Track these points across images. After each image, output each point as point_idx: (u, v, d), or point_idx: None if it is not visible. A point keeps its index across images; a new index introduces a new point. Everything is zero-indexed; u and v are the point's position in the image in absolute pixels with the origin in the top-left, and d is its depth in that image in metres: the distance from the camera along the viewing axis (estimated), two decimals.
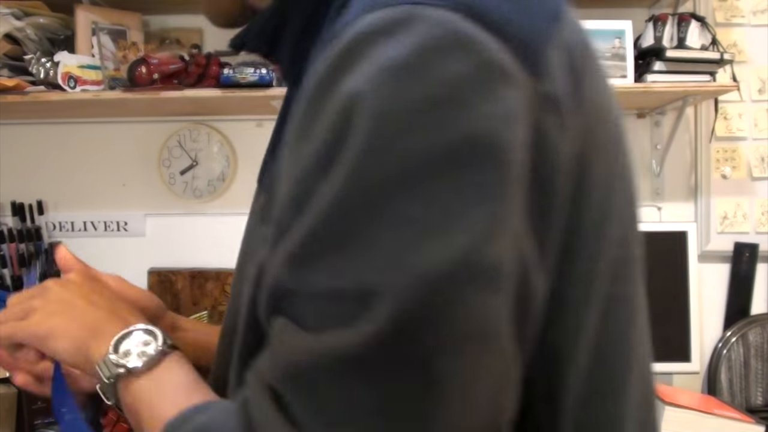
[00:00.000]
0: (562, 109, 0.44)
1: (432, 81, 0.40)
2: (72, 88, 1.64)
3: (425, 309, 0.40)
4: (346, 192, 0.41)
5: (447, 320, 0.40)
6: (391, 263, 0.40)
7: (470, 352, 0.41)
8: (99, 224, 1.97)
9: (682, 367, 1.78)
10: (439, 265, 0.40)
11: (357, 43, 0.42)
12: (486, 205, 0.41)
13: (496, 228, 0.41)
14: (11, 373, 0.70)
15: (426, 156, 0.40)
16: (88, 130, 1.96)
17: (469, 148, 0.40)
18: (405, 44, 0.41)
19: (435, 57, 0.41)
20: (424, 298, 0.40)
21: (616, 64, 1.69)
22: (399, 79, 0.40)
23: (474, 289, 0.40)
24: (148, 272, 1.84)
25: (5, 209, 1.91)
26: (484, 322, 0.41)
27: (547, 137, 0.43)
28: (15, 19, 1.69)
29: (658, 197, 1.98)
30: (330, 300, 0.41)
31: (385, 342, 0.40)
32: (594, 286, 0.49)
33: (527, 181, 0.43)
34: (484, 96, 0.41)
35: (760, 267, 1.95)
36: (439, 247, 0.40)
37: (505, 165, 0.41)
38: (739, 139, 1.96)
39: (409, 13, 0.41)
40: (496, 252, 0.41)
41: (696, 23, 1.74)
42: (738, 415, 1.55)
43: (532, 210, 0.43)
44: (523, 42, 0.43)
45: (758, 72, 1.96)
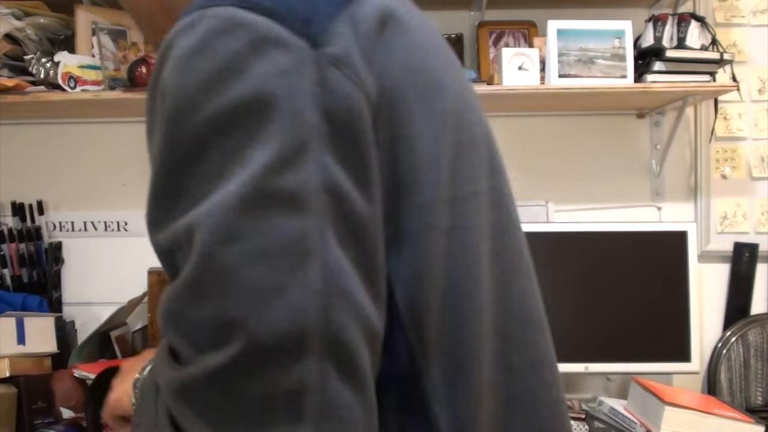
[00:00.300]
0: (350, 66, 0.53)
1: (213, 57, 0.51)
2: (72, 88, 1.64)
3: (231, 228, 0.48)
4: (163, 163, 0.52)
5: (251, 236, 0.48)
6: (202, 207, 0.49)
7: (280, 263, 0.48)
8: (99, 224, 1.97)
9: (682, 367, 1.78)
10: (238, 195, 0.48)
11: (165, 47, 0.53)
12: (271, 144, 0.49)
13: (284, 160, 0.49)
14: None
15: (216, 115, 0.50)
16: (88, 130, 1.96)
17: (250, 102, 0.50)
18: (192, 37, 0.52)
19: (215, 40, 0.51)
20: (230, 222, 0.48)
21: (615, 64, 1.69)
22: (187, 62, 0.51)
23: (270, 211, 0.49)
24: (148, 272, 1.84)
25: (5, 209, 1.91)
26: (287, 238, 0.49)
27: (335, 87, 0.52)
28: (15, 19, 1.70)
29: (658, 197, 1.98)
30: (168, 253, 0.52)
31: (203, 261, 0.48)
32: (433, 220, 0.58)
33: (323, 121, 0.51)
34: (258, 61, 0.50)
35: (760, 267, 1.95)
36: (238, 183, 0.49)
37: (286, 109, 0.50)
38: (739, 139, 1.96)
39: (198, 14, 0.52)
40: (289, 180, 0.49)
41: (696, 23, 1.74)
42: (738, 415, 1.55)
43: (338, 145, 0.52)
44: (296, 19, 0.52)
45: (758, 72, 1.96)
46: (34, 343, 1.67)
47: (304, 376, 0.48)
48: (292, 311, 0.48)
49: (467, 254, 0.60)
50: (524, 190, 1.95)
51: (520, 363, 0.64)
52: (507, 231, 0.66)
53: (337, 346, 0.49)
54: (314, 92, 0.51)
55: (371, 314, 0.52)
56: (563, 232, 1.80)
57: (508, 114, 1.98)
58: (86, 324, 1.90)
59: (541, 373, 0.66)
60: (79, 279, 1.96)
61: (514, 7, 1.93)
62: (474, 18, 1.96)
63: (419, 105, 0.58)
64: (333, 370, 0.49)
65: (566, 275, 1.78)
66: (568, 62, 1.69)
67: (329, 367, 0.49)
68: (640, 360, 1.76)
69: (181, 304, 0.50)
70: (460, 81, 0.65)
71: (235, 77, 0.50)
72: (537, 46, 1.75)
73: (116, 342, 1.81)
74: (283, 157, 0.49)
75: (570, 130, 1.98)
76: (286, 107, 0.50)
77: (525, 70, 1.70)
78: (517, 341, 0.64)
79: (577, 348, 1.77)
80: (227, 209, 0.48)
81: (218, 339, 0.48)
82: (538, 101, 1.82)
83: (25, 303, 1.77)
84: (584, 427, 1.65)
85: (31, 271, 1.88)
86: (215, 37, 0.51)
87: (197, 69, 0.51)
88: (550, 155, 1.97)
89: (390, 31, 0.58)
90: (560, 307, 1.77)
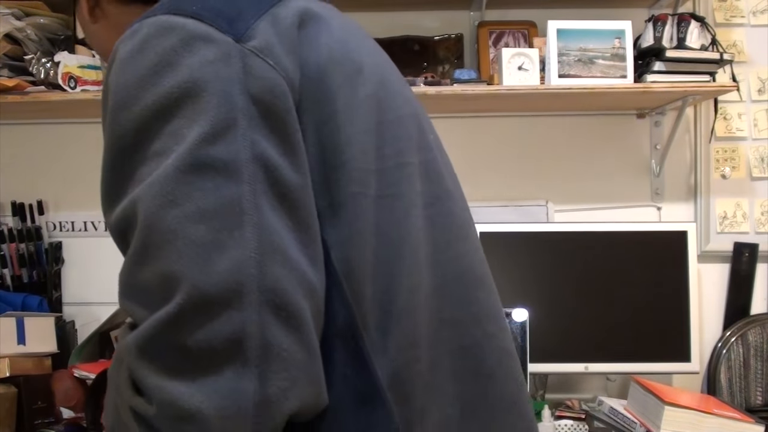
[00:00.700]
0: (272, 55, 0.60)
1: (148, 56, 0.58)
2: (72, 88, 1.64)
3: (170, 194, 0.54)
4: (109, 153, 0.60)
5: (189, 199, 0.55)
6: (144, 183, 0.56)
7: (217, 223, 0.54)
8: (99, 224, 1.97)
9: (682, 367, 1.78)
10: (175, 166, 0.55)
11: (112, 53, 0.61)
12: (202, 121, 0.56)
13: (212, 133, 0.56)
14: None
15: (153, 104, 0.57)
16: (88, 130, 1.96)
17: (182, 90, 0.57)
18: (132, 42, 0.59)
19: (151, 41, 0.58)
20: (168, 189, 0.55)
21: (615, 64, 1.69)
22: (127, 63, 0.59)
23: (205, 177, 0.55)
24: None
25: (5, 209, 1.91)
26: (222, 201, 0.55)
27: (257, 73, 0.59)
28: (15, 19, 1.70)
29: (657, 197, 1.98)
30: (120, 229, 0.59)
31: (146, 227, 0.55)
32: (362, 187, 0.64)
33: (249, 102, 0.58)
34: (187, 55, 0.57)
35: (760, 267, 1.95)
36: (175, 157, 0.55)
37: (214, 93, 0.57)
38: (738, 139, 1.96)
39: (138, 25, 0.60)
40: (217, 150, 0.56)
41: (696, 23, 1.74)
42: (738, 415, 1.55)
43: (264, 122, 0.58)
44: (219, 18, 0.60)
45: (758, 72, 1.96)
46: (34, 343, 1.67)
47: (244, 323, 0.53)
48: (231, 265, 0.54)
49: (396, 218, 0.67)
50: (524, 190, 1.95)
51: (463, 318, 0.70)
52: (441, 200, 0.73)
53: (274, 295, 0.55)
54: (239, 78, 0.58)
55: (306, 269, 0.58)
56: (563, 232, 1.80)
57: (508, 114, 1.98)
58: (86, 324, 1.90)
59: (485, 327, 0.72)
60: (79, 279, 1.96)
61: (514, 7, 1.93)
62: (474, 18, 1.96)
63: (343, 90, 0.65)
64: (271, 317, 0.54)
65: (566, 275, 1.78)
66: (568, 62, 1.69)
67: (267, 315, 0.54)
68: (640, 360, 1.76)
69: (132, 272, 0.57)
70: (383, 70, 0.72)
71: (169, 70, 0.57)
72: (537, 46, 1.75)
73: (116, 342, 1.81)
74: (214, 131, 0.56)
75: (570, 130, 1.98)
76: (215, 90, 0.57)
77: (525, 70, 1.70)
78: (458, 298, 0.70)
79: (577, 348, 1.77)
80: (165, 178, 0.55)
81: (165, 293, 0.54)
82: (538, 101, 1.82)
83: (25, 303, 1.77)
84: (584, 427, 1.65)
85: (31, 271, 1.88)
86: (151, 39, 0.59)
87: (135, 67, 0.58)
88: (550, 155, 1.97)
89: (311, 27, 0.65)
90: (560, 307, 1.77)
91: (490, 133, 1.98)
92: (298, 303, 0.56)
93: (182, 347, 0.53)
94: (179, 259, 0.54)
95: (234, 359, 0.53)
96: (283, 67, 0.60)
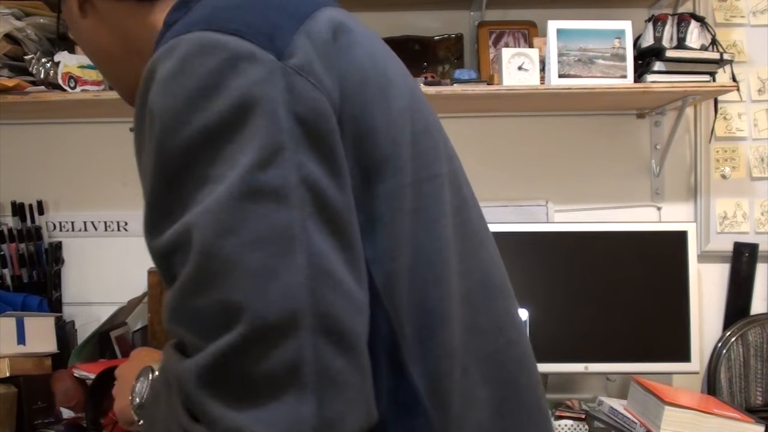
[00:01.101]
0: (313, 73, 0.60)
1: (193, 76, 0.57)
2: (72, 88, 1.64)
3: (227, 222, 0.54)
4: (157, 176, 0.58)
5: (245, 227, 0.54)
6: (197, 208, 0.55)
7: (271, 249, 0.55)
8: (99, 224, 1.97)
9: (682, 367, 1.78)
10: (230, 193, 0.55)
11: (147, 73, 0.60)
12: (253, 146, 0.55)
13: (264, 159, 0.55)
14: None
15: (202, 128, 0.56)
16: (88, 130, 1.96)
17: (232, 112, 0.56)
18: (172, 60, 0.58)
19: (193, 61, 0.57)
20: (225, 217, 0.54)
21: (615, 64, 1.69)
22: (170, 83, 0.57)
23: (258, 204, 0.55)
24: (148, 272, 1.83)
25: (5, 209, 1.91)
26: (270, 227, 0.55)
27: (302, 92, 0.58)
28: (15, 19, 1.70)
29: (657, 197, 1.98)
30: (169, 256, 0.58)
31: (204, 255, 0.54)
32: (399, 201, 0.65)
33: (295, 123, 0.57)
34: (233, 76, 0.57)
35: (760, 267, 1.95)
36: (228, 183, 0.55)
37: (263, 114, 0.56)
38: (738, 139, 1.96)
39: (175, 41, 0.59)
40: (270, 176, 0.55)
41: (696, 23, 1.74)
42: (738, 415, 1.55)
43: (310, 143, 0.58)
44: (260, 35, 0.59)
45: (758, 72, 1.96)
46: (34, 343, 1.67)
47: (301, 350, 0.54)
48: (286, 292, 0.54)
49: (431, 231, 0.68)
50: (524, 190, 1.95)
51: (487, 326, 0.71)
52: (463, 209, 0.73)
53: (327, 320, 0.55)
54: (284, 99, 0.57)
55: (355, 289, 0.58)
56: (563, 232, 1.80)
57: (508, 114, 1.98)
58: (86, 324, 1.90)
59: (507, 334, 0.73)
60: (79, 279, 1.96)
61: (514, 7, 1.93)
62: (474, 18, 1.96)
63: (378, 103, 0.65)
64: (326, 342, 0.55)
65: (566, 275, 1.78)
66: (568, 62, 1.69)
67: (322, 340, 0.54)
68: (640, 360, 1.76)
69: (187, 299, 0.56)
70: (406, 79, 0.72)
71: (216, 92, 0.56)
72: (537, 46, 1.75)
73: (116, 342, 1.81)
74: (265, 156, 0.56)
75: (570, 130, 1.98)
76: (264, 113, 0.56)
77: (525, 70, 1.70)
78: (482, 306, 0.72)
79: (577, 348, 1.77)
80: (221, 206, 0.55)
81: (225, 322, 0.54)
82: (538, 101, 1.82)
83: (25, 303, 1.77)
84: (584, 427, 1.65)
85: (31, 271, 1.88)
86: (193, 58, 0.57)
87: (180, 88, 0.57)
88: (550, 155, 1.97)
89: (343, 40, 0.65)
90: (560, 307, 1.77)
91: (490, 133, 1.98)
92: (350, 325, 0.57)
93: (244, 376, 0.53)
94: (239, 288, 0.54)
95: (293, 386, 0.54)
96: (325, 86, 0.60)
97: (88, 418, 1.50)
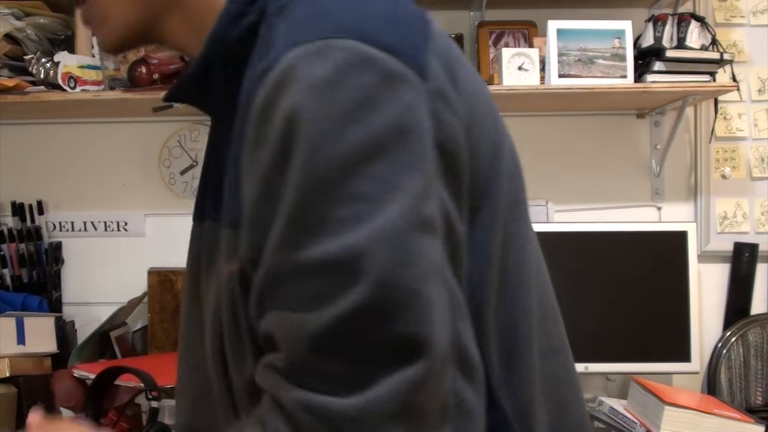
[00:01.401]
0: (447, 97, 0.59)
1: (351, 89, 0.54)
2: (72, 88, 1.64)
3: (407, 252, 0.53)
4: (305, 186, 0.53)
5: (421, 258, 0.53)
6: (361, 232, 0.52)
7: (437, 282, 0.54)
8: (99, 224, 1.97)
9: (682, 367, 1.78)
10: (406, 221, 0.53)
11: (287, 72, 0.55)
12: (413, 173, 0.54)
13: (425, 189, 0.55)
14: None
15: (358, 145, 0.53)
16: (88, 130, 1.96)
17: (389, 134, 0.54)
18: (326, 66, 0.54)
19: (349, 72, 0.54)
20: (404, 246, 0.52)
21: (615, 64, 1.69)
22: (326, 91, 0.54)
23: (422, 237, 0.54)
24: (148, 272, 1.84)
25: (5, 209, 1.91)
26: (433, 260, 0.54)
27: (442, 118, 0.57)
28: (15, 19, 1.70)
29: (657, 197, 1.98)
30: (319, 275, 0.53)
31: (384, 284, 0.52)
32: (494, 227, 0.65)
33: (437, 151, 0.57)
34: (389, 95, 0.54)
35: (760, 267, 1.95)
36: (399, 212, 0.53)
37: (418, 141, 0.55)
38: (738, 139, 1.96)
39: (325, 44, 0.55)
40: (428, 207, 0.55)
41: (696, 23, 1.74)
42: (738, 415, 1.55)
43: (445, 173, 0.58)
44: (409, 56, 0.57)
45: (758, 72, 1.96)
46: (34, 343, 1.67)
47: (449, 381, 0.55)
48: (444, 324, 0.54)
49: (518, 257, 0.68)
50: None
51: (547, 350, 0.71)
52: (532, 236, 0.74)
53: (460, 351, 0.56)
54: (430, 125, 0.56)
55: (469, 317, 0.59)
56: (563, 232, 1.80)
57: (508, 114, 1.98)
58: (86, 324, 1.90)
59: (558, 357, 0.74)
60: (79, 279, 1.96)
61: (514, 7, 1.93)
62: (474, 18, 1.96)
63: (484, 125, 0.64)
64: (459, 372, 0.56)
65: (566, 275, 1.78)
66: (568, 62, 1.69)
67: (457, 371, 0.56)
68: (640, 360, 1.76)
69: (358, 327, 0.52)
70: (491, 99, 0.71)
71: (372, 110, 0.54)
72: (537, 46, 1.75)
73: (116, 342, 1.81)
74: (424, 187, 0.55)
75: (570, 130, 1.98)
76: (415, 138, 0.55)
77: (525, 70, 1.70)
78: (545, 331, 0.72)
79: (577, 348, 1.75)
80: (396, 235, 0.53)
81: (406, 355, 0.52)
82: (538, 101, 1.82)
83: (25, 303, 1.77)
84: None
85: (31, 271, 1.88)
86: (349, 70, 0.54)
87: (336, 99, 0.53)
88: (550, 155, 1.97)
89: (457, 62, 0.63)
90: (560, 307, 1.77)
91: None
92: (474, 353, 0.58)
93: (426, 409, 0.53)
94: (420, 320, 0.52)
95: (443, 418, 0.55)
96: (457, 112, 0.59)
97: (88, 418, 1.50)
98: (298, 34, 0.56)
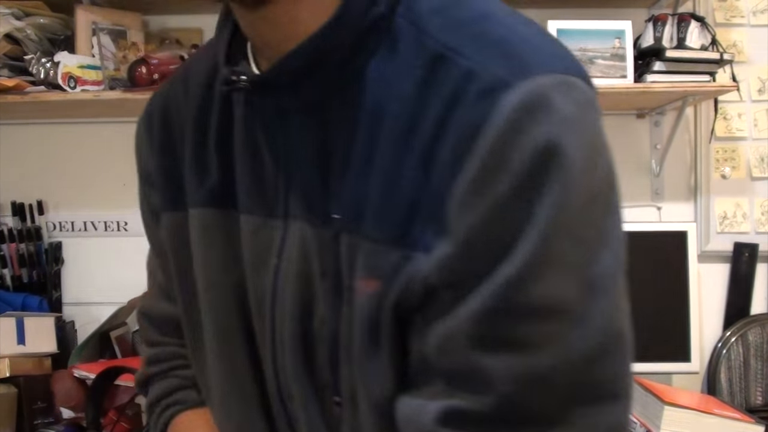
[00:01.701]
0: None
1: (592, 128, 0.56)
2: (72, 88, 1.64)
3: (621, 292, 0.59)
4: (557, 223, 0.53)
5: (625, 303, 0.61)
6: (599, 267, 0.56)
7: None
8: (99, 224, 1.97)
9: (682, 367, 1.78)
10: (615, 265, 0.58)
11: (538, 102, 0.53)
12: (619, 215, 0.58)
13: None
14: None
15: (603, 185, 0.56)
16: (88, 130, 1.96)
17: (611, 169, 0.57)
18: (573, 102, 0.54)
19: (588, 111, 0.56)
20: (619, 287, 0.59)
21: (615, 64, 1.69)
22: (578, 126, 0.54)
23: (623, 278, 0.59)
24: None
25: (5, 209, 1.91)
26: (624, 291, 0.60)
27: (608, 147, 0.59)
28: (15, 19, 1.70)
29: (657, 197, 1.98)
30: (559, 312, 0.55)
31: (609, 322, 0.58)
32: None
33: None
34: (602, 133, 0.57)
35: (760, 267, 1.95)
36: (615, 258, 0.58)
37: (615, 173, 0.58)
38: (738, 139, 1.96)
39: (566, 79, 0.55)
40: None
41: (696, 23, 1.74)
42: (738, 415, 1.55)
43: None
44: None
45: (758, 72, 1.96)
46: (34, 343, 1.67)
47: None
48: None
49: None
50: None
51: None
52: None
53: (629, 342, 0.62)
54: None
55: None
56: None
57: None
58: (86, 324, 1.90)
59: None
60: (79, 279, 1.96)
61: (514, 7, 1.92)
62: None
63: None
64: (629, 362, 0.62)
65: None
66: None
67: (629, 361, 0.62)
68: (640, 360, 1.74)
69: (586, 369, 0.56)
70: None
71: (602, 148, 0.57)
72: None
73: (116, 342, 1.81)
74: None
75: None
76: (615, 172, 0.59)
77: None
78: None
79: None
80: (614, 280, 0.58)
81: (613, 394, 0.58)
82: None
83: (25, 303, 1.77)
84: None
85: (31, 271, 1.88)
86: (587, 107, 0.56)
87: (584, 134, 0.55)
88: None
89: None
90: None
91: None
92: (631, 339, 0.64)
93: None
94: (626, 361, 0.61)
95: None
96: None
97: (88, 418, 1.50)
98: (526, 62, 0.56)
